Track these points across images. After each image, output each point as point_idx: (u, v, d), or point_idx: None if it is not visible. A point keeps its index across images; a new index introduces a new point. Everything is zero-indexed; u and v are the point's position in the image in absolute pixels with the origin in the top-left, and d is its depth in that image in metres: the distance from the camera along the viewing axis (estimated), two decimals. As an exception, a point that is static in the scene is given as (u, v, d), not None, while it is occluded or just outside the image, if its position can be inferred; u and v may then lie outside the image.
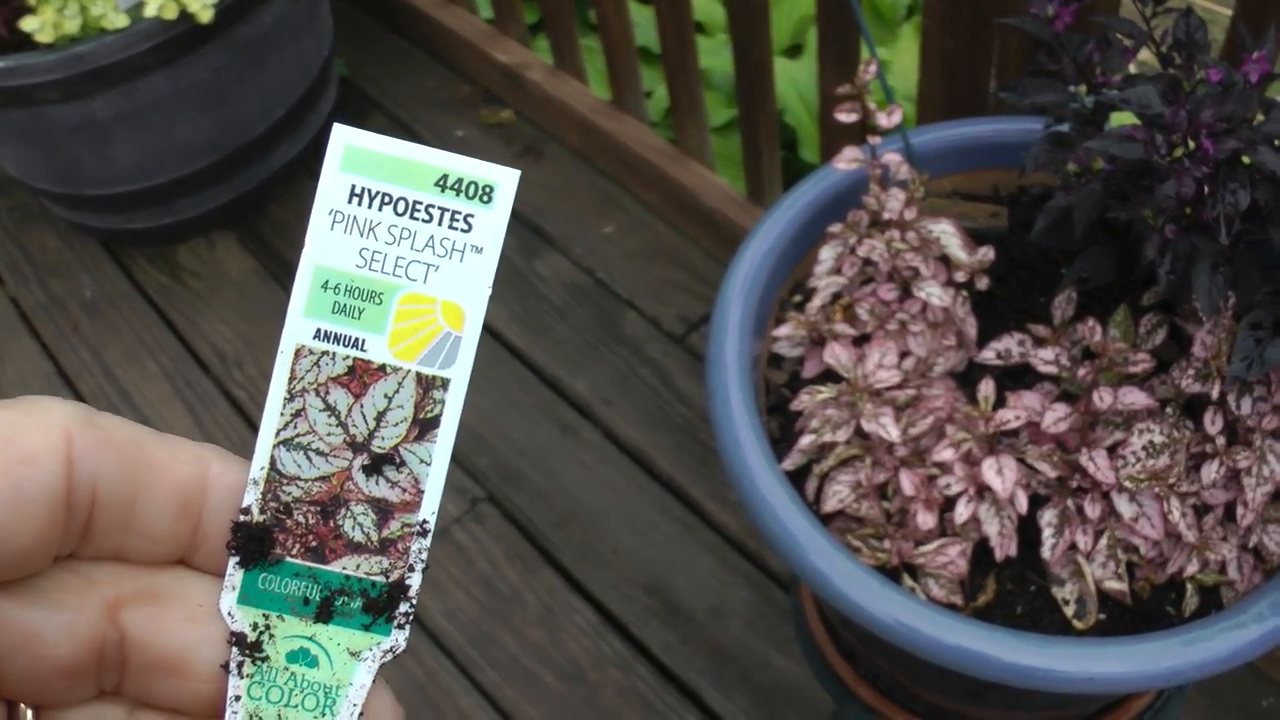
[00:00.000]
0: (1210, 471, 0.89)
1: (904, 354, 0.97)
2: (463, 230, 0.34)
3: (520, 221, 2.06)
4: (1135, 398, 0.89)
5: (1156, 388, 0.93)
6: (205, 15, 1.75)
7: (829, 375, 0.99)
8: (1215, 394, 0.88)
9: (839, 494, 0.90)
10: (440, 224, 0.34)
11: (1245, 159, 0.87)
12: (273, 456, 0.34)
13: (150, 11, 1.72)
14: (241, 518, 0.34)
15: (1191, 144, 0.83)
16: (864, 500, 0.90)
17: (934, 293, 0.96)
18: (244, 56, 1.92)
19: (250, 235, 2.13)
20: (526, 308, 1.94)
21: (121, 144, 1.90)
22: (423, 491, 0.34)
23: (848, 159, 0.98)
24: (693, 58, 1.81)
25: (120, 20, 1.74)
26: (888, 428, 0.89)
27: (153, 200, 2.03)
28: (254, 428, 1.85)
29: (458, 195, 0.34)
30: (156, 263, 2.13)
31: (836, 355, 0.94)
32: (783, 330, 0.98)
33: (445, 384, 0.34)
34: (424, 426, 0.34)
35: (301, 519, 0.34)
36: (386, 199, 0.34)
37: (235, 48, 1.89)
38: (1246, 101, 0.90)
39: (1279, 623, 0.86)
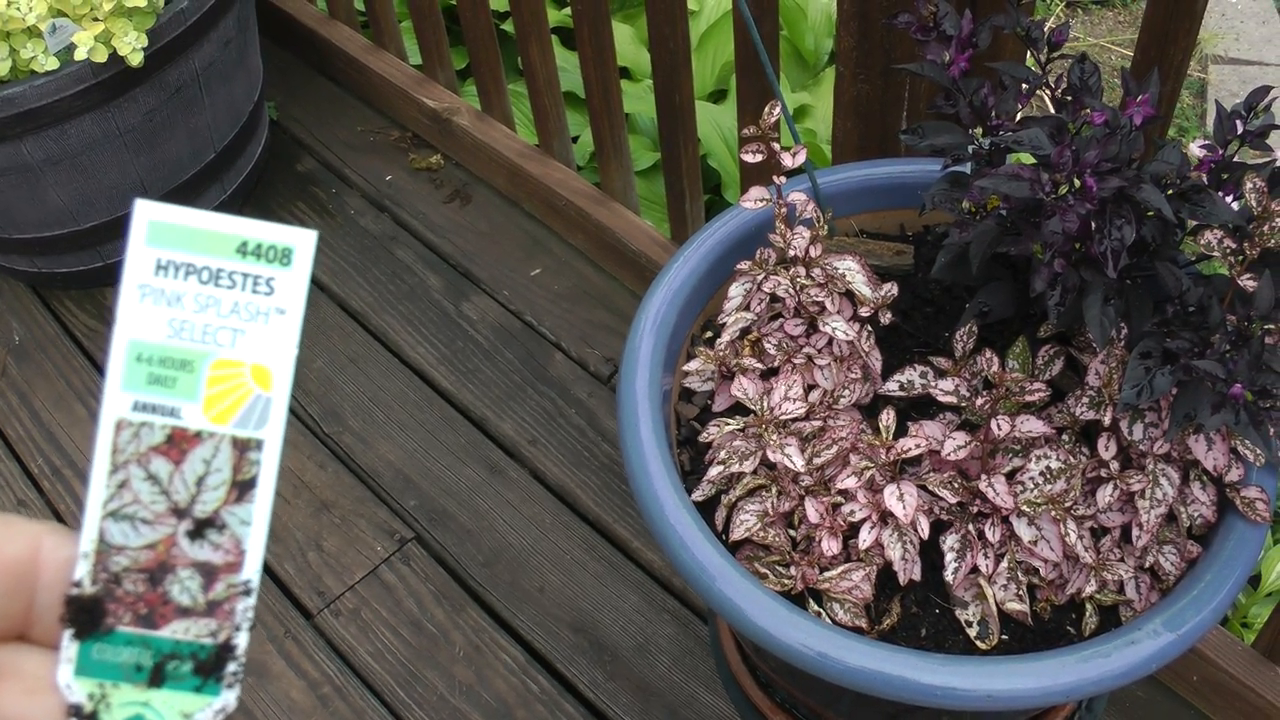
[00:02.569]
0: (1105, 495, 0.92)
1: (811, 387, 1.00)
2: (265, 294, 0.36)
3: (449, 265, 2.08)
4: (1032, 425, 0.93)
5: (1054, 416, 0.96)
6: (135, 59, 1.76)
7: (739, 408, 1.02)
8: (1108, 420, 0.92)
9: (746, 523, 0.92)
10: (244, 289, 0.36)
11: (1133, 196, 0.91)
12: (101, 528, 0.35)
13: (80, 55, 1.73)
14: (73, 591, 0.35)
15: (1077, 182, 0.86)
16: (770, 528, 0.92)
17: (839, 327, 0.99)
18: (174, 100, 1.93)
19: (178, 279, 2.13)
20: (454, 350, 1.96)
21: (51, 187, 1.90)
22: (245, 552, 0.36)
23: (754, 198, 1.01)
24: (617, 102, 1.84)
25: (50, 63, 1.75)
26: (793, 458, 0.92)
27: (82, 243, 2.03)
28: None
29: (258, 260, 0.36)
30: (85, 306, 2.13)
31: (744, 388, 0.97)
32: (692, 365, 1.01)
33: (260, 445, 0.36)
34: (242, 488, 0.36)
35: (131, 587, 0.35)
36: (191, 269, 0.35)
37: (165, 91, 1.90)
38: (1133, 143, 0.95)
39: (1173, 638, 0.89)
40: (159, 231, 0.35)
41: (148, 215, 0.35)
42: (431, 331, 1.99)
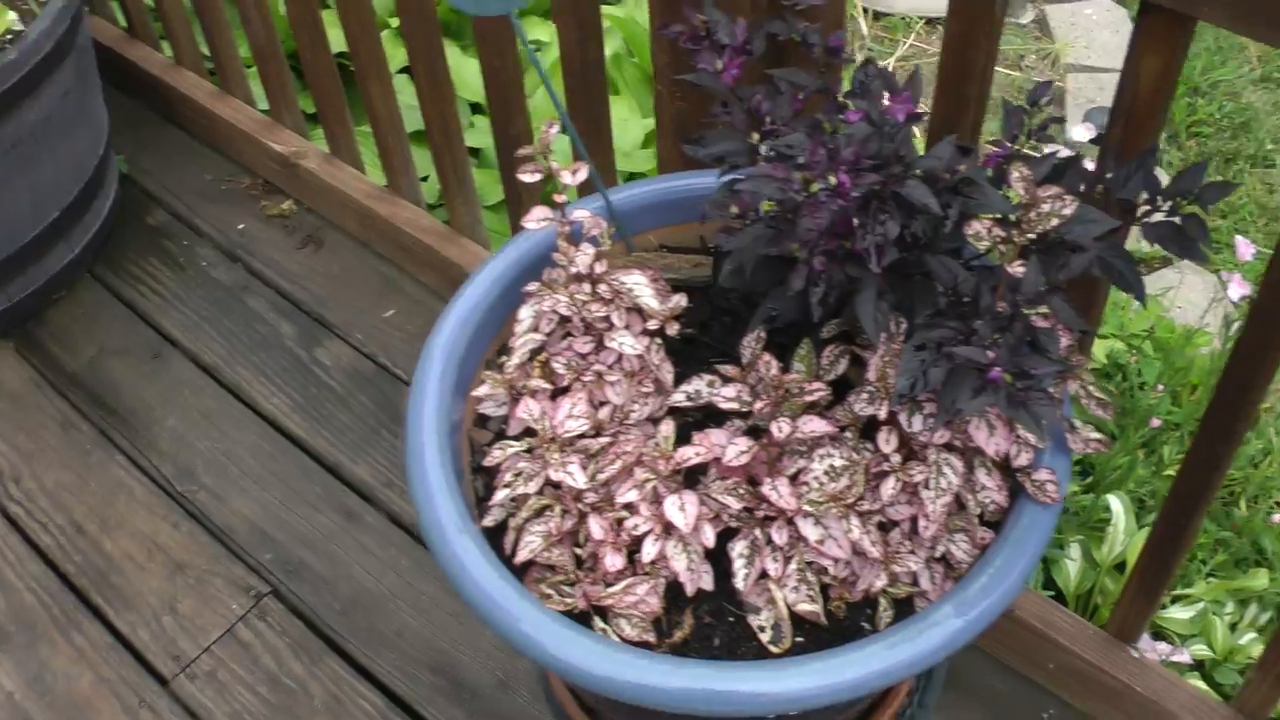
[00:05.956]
0: (888, 488, 0.92)
1: (602, 403, 0.99)
2: None
3: (302, 311, 2.05)
4: (815, 425, 0.92)
5: (840, 415, 0.96)
6: (-39, 119, 1.73)
7: (532, 431, 1.00)
8: (883, 414, 0.92)
9: (531, 544, 0.91)
10: None
11: (898, 191, 0.91)
12: None
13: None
14: None
15: (834, 179, 0.86)
16: (555, 548, 0.91)
17: (626, 342, 0.98)
18: (10, 156, 1.89)
19: (28, 343, 2.07)
20: (308, 397, 1.93)
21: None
22: None
23: (536, 218, 1.01)
24: (457, 137, 1.84)
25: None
26: (575, 475, 0.91)
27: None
28: (33, 545, 1.79)
29: None
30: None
31: (529, 409, 0.95)
32: (481, 390, 0.99)
33: None
34: None
35: None
36: None
37: (1, 148, 1.86)
38: (901, 141, 0.95)
39: (962, 624, 0.88)
40: None
41: None
42: (285, 381, 1.96)
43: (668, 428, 0.92)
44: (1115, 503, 1.82)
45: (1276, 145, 2.99)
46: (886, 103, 0.96)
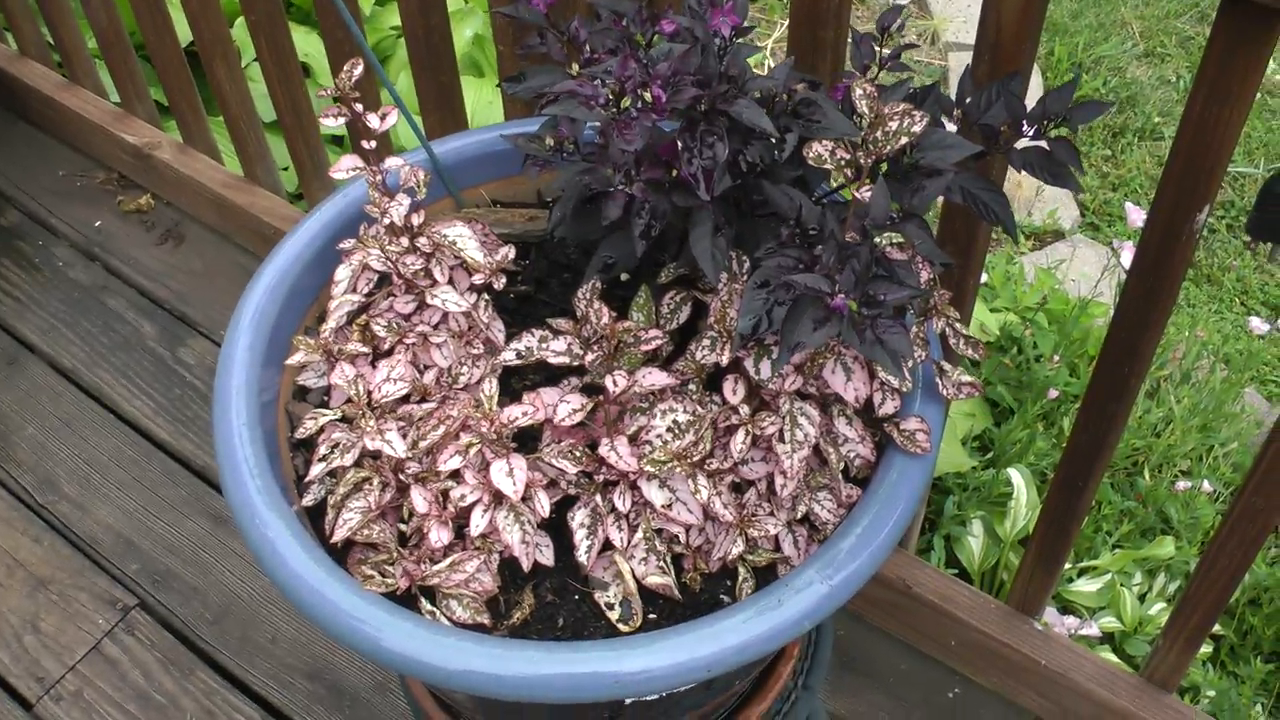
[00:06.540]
0: (737, 443, 0.83)
1: (428, 366, 0.91)
2: None
3: (164, 309, 1.94)
4: (654, 378, 0.84)
5: (683, 366, 0.88)
6: None
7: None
8: (725, 360, 0.84)
9: (349, 522, 0.82)
10: None
11: (727, 111, 0.83)
12: None
13: None
14: None
15: (649, 97, 0.78)
16: (376, 524, 0.82)
17: (449, 299, 0.89)
18: None
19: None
20: (172, 399, 1.82)
21: None
22: None
23: (345, 167, 0.92)
24: (309, 118, 1.74)
25: None
26: (394, 443, 0.82)
27: None
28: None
29: None
30: None
31: (344, 374, 0.86)
32: (295, 358, 0.90)
33: None
34: None
35: None
36: None
37: None
38: (734, 60, 0.87)
39: (826, 590, 0.80)
40: None
41: None
42: (147, 382, 1.86)
43: (491, 385, 0.84)
44: (1016, 476, 1.76)
45: (1164, 118, 2.96)
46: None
